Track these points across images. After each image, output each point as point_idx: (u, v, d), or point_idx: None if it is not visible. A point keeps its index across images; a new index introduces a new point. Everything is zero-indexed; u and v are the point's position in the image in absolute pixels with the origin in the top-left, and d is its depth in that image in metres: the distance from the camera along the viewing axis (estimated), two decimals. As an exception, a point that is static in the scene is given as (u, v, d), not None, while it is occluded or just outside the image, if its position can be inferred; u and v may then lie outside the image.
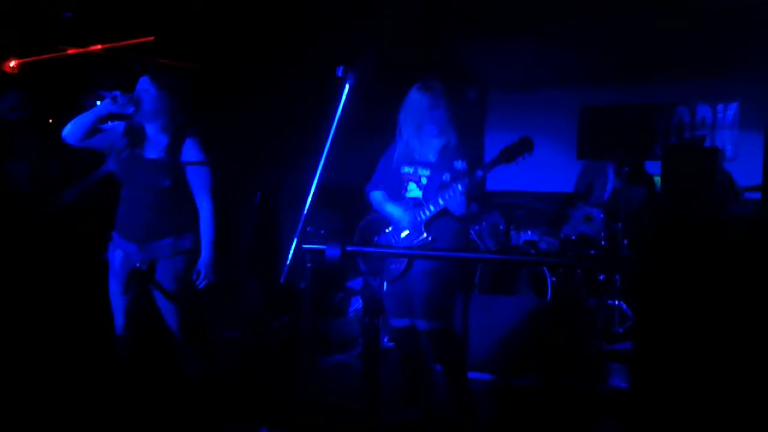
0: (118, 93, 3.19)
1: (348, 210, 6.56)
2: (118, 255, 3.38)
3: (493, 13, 5.92)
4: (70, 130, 3.28)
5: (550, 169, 7.30)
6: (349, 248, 2.30)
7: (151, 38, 4.73)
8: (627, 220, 5.52)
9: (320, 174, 2.87)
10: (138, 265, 3.35)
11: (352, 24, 5.49)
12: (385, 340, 4.98)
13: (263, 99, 5.78)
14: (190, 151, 3.37)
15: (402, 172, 3.63)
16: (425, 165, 3.57)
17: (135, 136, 3.36)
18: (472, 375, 3.86)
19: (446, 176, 3.47)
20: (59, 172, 4.14)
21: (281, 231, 5.83)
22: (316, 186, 2.87)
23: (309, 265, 2.51)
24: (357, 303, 5.75)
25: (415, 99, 3.53)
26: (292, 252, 2.81)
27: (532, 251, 5.99)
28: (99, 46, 4.59)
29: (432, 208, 3.46)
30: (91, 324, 3.85)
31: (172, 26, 4.88)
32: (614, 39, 6.30)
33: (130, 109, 3.23)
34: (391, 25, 5.28)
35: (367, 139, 4.14)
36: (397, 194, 3.65)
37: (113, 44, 4.64)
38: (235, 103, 5.57)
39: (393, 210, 3.63)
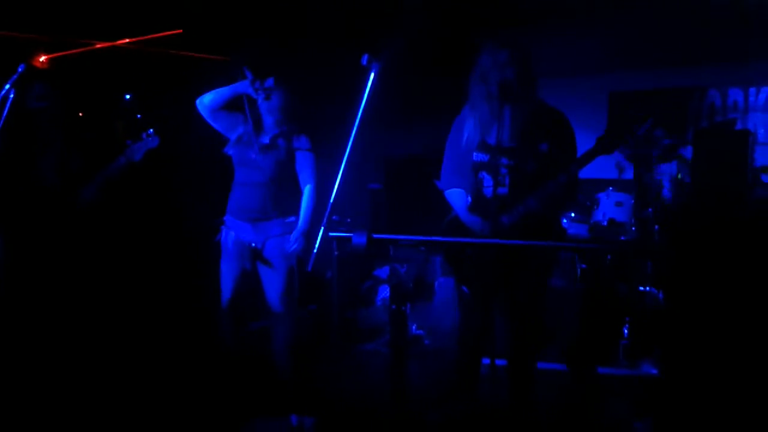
0: (258, 80, 3.54)
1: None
2: (231, 237, 3.69)
3: (521, 2, 5.87)
4: (209, 99, 3.64)
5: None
6: (375, 236, 2.30)
7: (179, 31, 4.76)
8: (656, 205, 5.44)
9: (346, 163, 2.88)
10: (253, 244, 3.65)
11: (381, 13, 5.46)
12: (413, 327, 4.99)
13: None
14: (300, 141, 3.71)
15: (475, 160, 3.17)
16: (503, 151, 3.08)
17: (255, 122, 3.67)
18: (499, 362, 3.83)
19: (531, 165, 3.05)
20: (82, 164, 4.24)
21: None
22: (342, 175, 2.88)
23: (335, 253, 2.52)
24: (384, 291, 5.77)
25: (487, 60, 3.10)
26: (319, 240, 2.82)
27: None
28: (127, 40, 4.63)
29: (521, 209, 3.02)
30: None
31: (197, 19, 4.89)
32: (644, 24, 6.21)
33: (261, 96, 3.58)
34: (421, 13, 5.25)
35: (396, 130, 4.11)
36: (470, 186, 3.21)
37: (140, 38, 4.67)
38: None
39: (473, 222, 3.19)
